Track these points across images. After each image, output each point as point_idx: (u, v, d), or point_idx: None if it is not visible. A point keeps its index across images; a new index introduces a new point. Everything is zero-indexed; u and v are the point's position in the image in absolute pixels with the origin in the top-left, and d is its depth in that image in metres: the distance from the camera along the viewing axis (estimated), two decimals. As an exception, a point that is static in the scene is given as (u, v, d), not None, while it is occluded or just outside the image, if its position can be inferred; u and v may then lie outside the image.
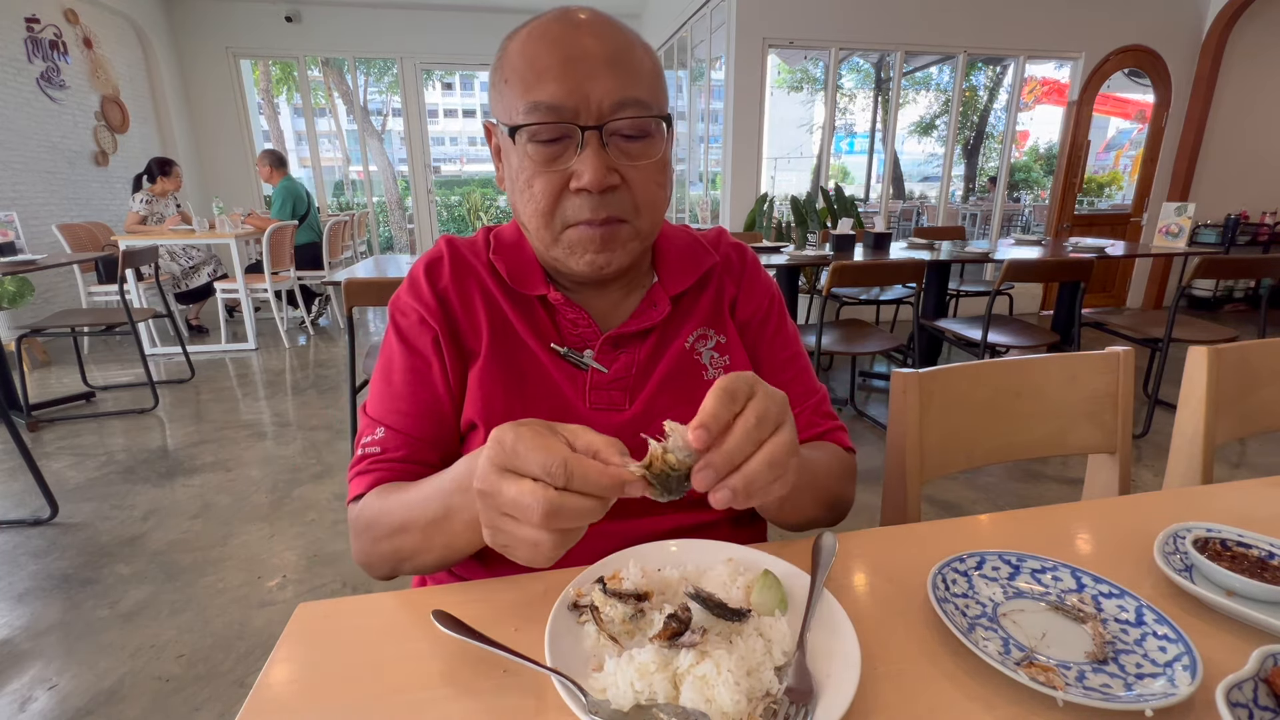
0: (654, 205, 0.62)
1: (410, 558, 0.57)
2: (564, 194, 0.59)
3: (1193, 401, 0.92)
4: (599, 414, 0.66)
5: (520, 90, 0.57)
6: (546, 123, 0.56)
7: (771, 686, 0.42)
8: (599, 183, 0.57)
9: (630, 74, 0.57)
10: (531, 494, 0.40)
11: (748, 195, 4.53)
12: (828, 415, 0.74)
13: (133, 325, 3.09)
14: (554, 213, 0.60)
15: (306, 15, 6.02)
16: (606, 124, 0.57)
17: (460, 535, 0.53)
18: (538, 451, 0.41)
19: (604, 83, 0.56)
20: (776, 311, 0.76)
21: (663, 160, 0.61)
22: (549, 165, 0.58)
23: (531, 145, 0.58)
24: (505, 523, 0.42)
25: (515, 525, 0.42)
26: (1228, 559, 0.55)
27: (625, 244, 0.62)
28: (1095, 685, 0.43)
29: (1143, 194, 5.20)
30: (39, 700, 1.38)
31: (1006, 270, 2.53)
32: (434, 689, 0.45)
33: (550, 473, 0.40)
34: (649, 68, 0.59)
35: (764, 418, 0.43)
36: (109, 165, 5.08)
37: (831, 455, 0.70)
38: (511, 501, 0.41)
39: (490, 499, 0.42)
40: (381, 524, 0.58)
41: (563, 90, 0.55)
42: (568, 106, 0.56)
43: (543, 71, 0.56)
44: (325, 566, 1.86)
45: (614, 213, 0.60)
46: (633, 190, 0.60)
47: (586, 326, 0.68)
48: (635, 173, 0.59)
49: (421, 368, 0.66)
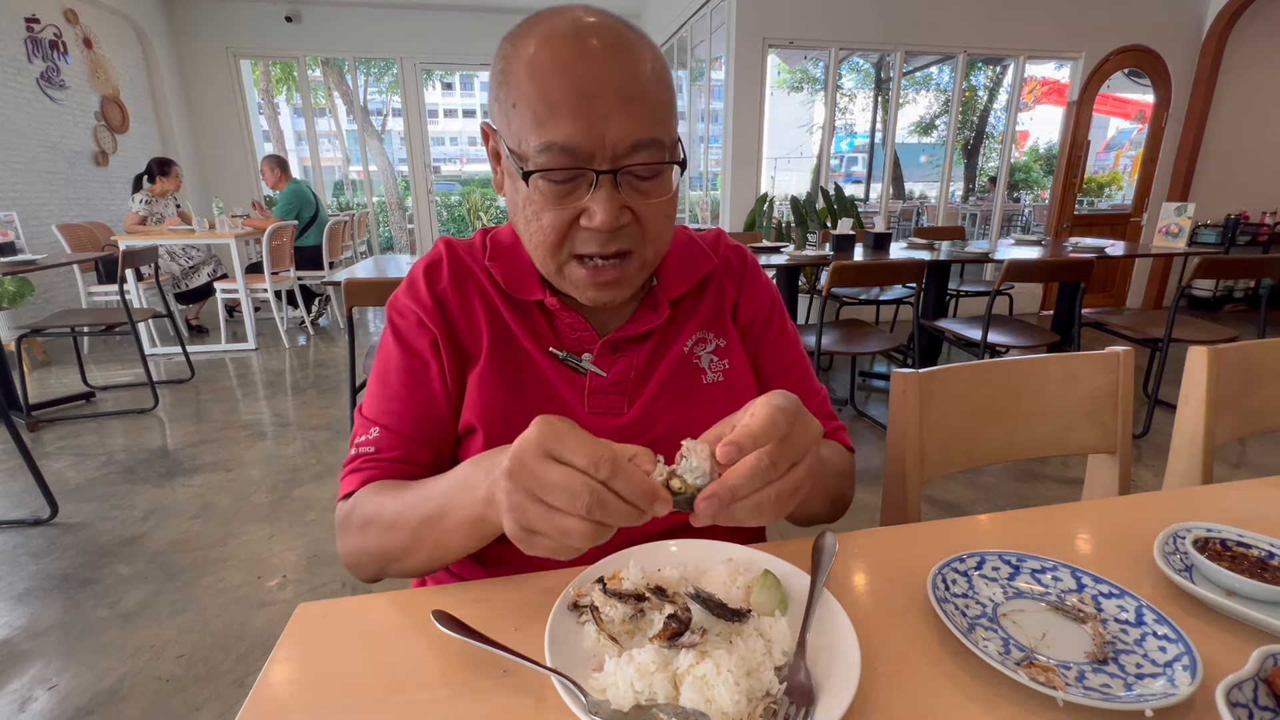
0: (661, 235, 0.62)
1: (399, 559, 0.57)
2: (573, 227, 0.58)
3: (1193, 401, 0.92)
4: (598, 418, 0.66)
5: (532, 123, 0.54)
6: (561, 168, 0.55)
7: (771, 686, 0.42)
8: (612, 224, 0.56)
9: (645, 109, 0.55)
10: (582, 481, 0.40)
11: (748, 195, 4.53)
12: (829, 416, 0.75)
13: (133, 325, 3.09)
14: (561, 245, 0.59)
15: (306, 15, 6.02)
16: (621, 167, 0.55)
17: (451, 535, 0.52)
18: (587, 443, 0.41)
19: (620, 121, 0.54)
20: (778, 314, 0.76)
21: (673, 196, 0.61)
22: (560, 202, 0.57)
23: (544, 183, 0.56)
24: (538, 509, 0.42)
25: (551, 512, 0.42)
26: (1228, 559, 0.55)
27: (631, 279, 0.62)
28: (1095, 685, 0.43)
29: (1143, 194, 5.21)
30: (39, 700, 1.38)
31: (1006, 270, 2.53)
32: (434, 689, 0.45)
33: (597, 465, 0.41)
34: (662, 92, 0.57)
35: (778, 461, 0.44)
36: (109, 165, 5.08)
37: (839, 454, 0.71)
38: (557, 486, 0.41)
39: (529, 479, 0.42)
40: (372, 520, 0.58)
41: (578, 131, 0.53)
42: (583, 149, 0.54)
43: (555, 106, 0.53)
44: (325, 566, 1.86)
45: (623, 245, 0.59)
46: (643, 224, 0.59)
47: (584, 330, 0.68)
48: (647, 209, 0.59)
49: (418, 369, 0.66)
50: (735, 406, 0.70)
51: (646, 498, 0.42)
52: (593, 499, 0.40)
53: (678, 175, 0.60)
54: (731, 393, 0.70)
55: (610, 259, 0.60)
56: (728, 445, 0.42)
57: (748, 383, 0.71)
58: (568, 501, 0.41)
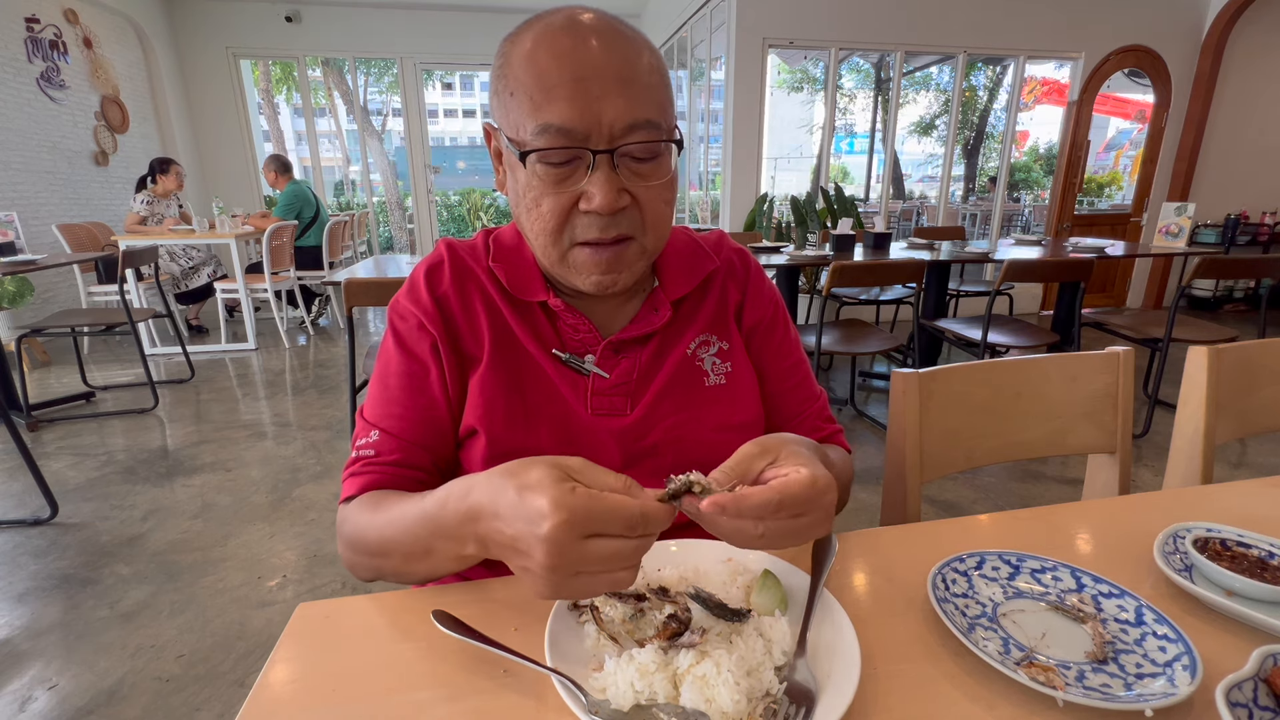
0: (661, 222, 0.62)
1: (390, 575, 0.58)
2: (573, 213, 0.59)
3: (1193, 401, 0.92)
4: (600, 419, 0.66)
5: (529, 109, 0.55)
6: (557, 147, 0.55)
7: (771, 686, 0.42)
8: (610, 205, 0.56)
9: (641, 92, 0.56)
10: (626, 546, 0.41)
11: (748, 195, 4.53)
12: (828, 419, 0.76)
13: (133, 325, 3.09)
14: (562, 231, 0.60)
15: (306, 15, 6.01)
16: (618, 147, 0.56)
17: (442, 566, 0.53)
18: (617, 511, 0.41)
19: (615, 103, 0.55)
20: (781, 318, 0.76)
21: (671, 179, 0.61)
22: (559, 186, 0.57)
23: (541, 166, 0.57)
24: (584, 580, 0.42)
25: (596, 576, 0.42)
26: (1228, 559, 0.55)
27: (632, 263, 0.62)
28: (1095, 685, 0.43)
29: (1143, 194, 5.21)
30: (39, 700, 1.38)
31: (1006, 270, 2.53)
32: (434, 689, 0.45)
33: (633, 527, 0.41)
34: (658, 81, 0.58)
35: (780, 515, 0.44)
36: (109, 165, 5.08)
37: (841, 458, 0.72)
38: (601, 558, 0.41)
39: (574, 562, 0.41)
40: (362, 542, 0.58)
41: (574, 112, 0.54)
42: (579, 130, 0.54)
43: (552, 90, 0.54)
44: (325, 566, 1.86)
45: (623, 231, 0.59)
46: (642, 209, 0.59)
47: (588, 332, 0.68)
48: (645, 192, 0.59)
49: (418, 372, 0.66)
50: (737, 409, 0.71)
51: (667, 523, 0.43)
52: (637, 554, 0.42)
53: (676, 158, 0.60)
54: (734, 395, 0.70)
55: (611, 245, 0.60)
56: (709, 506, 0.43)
57: (750, 385, 0.71)
58: (617, 564, 0.42)
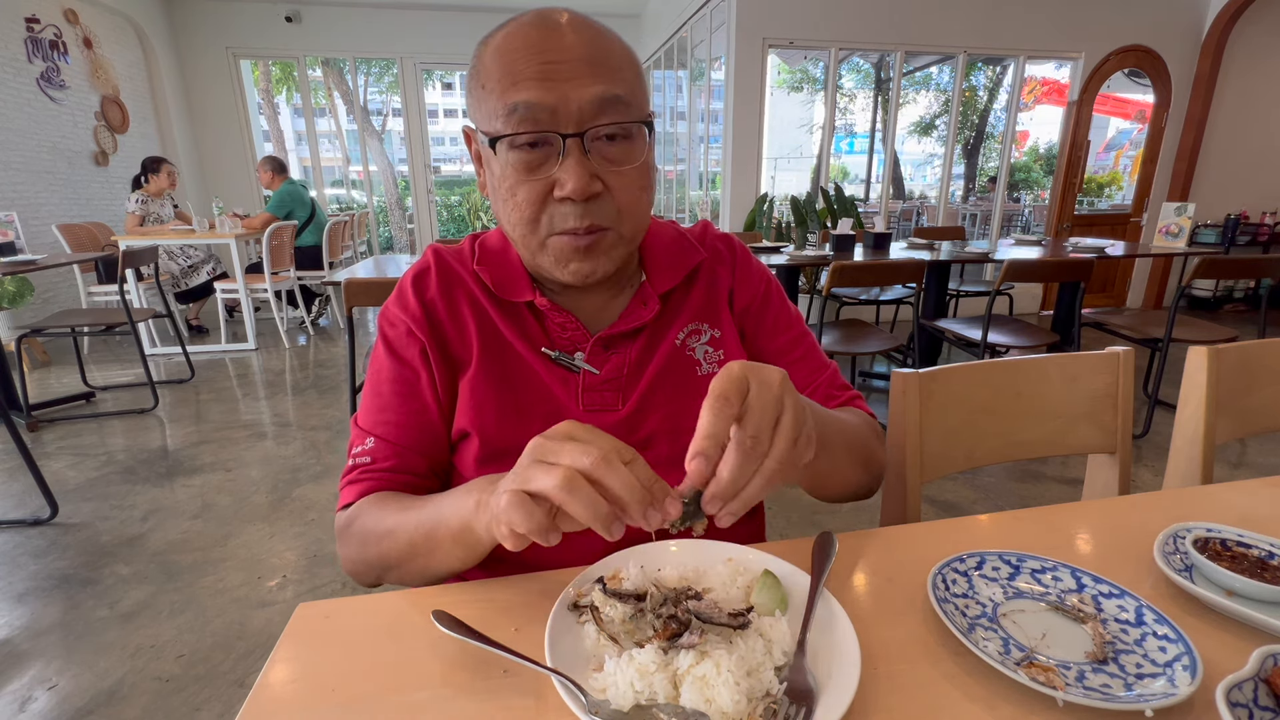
0: (637, 210, 0.62)
1: (394, 565, 0.58)
2: (548, 201, 0.59)
3: (1193, 401, 0.92)
4: (593, 415, 0.66)
5: (499, 94, 0.56)
6: (526, 131, 0.55)
7: (771, 686, 0.42)
8: (582, 191, 0.56)
9: (610, 72, 0.57)
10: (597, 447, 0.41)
11: (748, 195, 4.53)
12: (843, 387, 0.74)
13: (133, 325, 3.09)
14: (538, 220, 0.60)
15: (306, 15, 6.01)
16: (588, 130, 0.56)
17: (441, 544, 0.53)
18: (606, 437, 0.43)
19: (583, 82, 0.55)
20: (775, 295, 0.76)
21: (645, 164, 0.61)
22: (531, 173, 0.57)
23: (513, 153, 0.57)
24: (538, 469, 0.42)
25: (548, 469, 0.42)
26: (1228, 559, 0.55)
27: (609, 251, 0.62)
28: (1095, 685, 0.43)
29: (1143, 194, 5.20)
30: (39, 700, 1.38)
31: (1006, 270, 2.53)
32: (434, 689, 0.45)
33: (620, 450, 0.42)
34: (628, 66, 0.59)
35: (760, 430, 0.42)
36: (109, 165, 5.08)
37: (858, 417, 0.70)
38: (569, 450, 0.42)
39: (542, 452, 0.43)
40: (370, 530, 0.59)
41: (541, 90, 0.54)
42: (546, 105, 0.55)
43: (520, 73, 0.55)
44: (325, 566, 1.86)
45: (597, 220, 0.59)
46: (615, 196, 0.59)
47: (575, 329, 0.68)
48: (618, 179, 0.59)
49: (410, 378, 0.66)
50: None
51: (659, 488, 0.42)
52: (603, 456, 0.41)
53: (649, 144, 0.60)
54: None
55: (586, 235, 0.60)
56: (693, 460, 0.41)
57: None
58: (583, 450, 0.41)
